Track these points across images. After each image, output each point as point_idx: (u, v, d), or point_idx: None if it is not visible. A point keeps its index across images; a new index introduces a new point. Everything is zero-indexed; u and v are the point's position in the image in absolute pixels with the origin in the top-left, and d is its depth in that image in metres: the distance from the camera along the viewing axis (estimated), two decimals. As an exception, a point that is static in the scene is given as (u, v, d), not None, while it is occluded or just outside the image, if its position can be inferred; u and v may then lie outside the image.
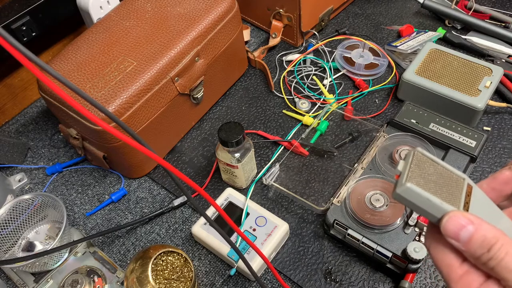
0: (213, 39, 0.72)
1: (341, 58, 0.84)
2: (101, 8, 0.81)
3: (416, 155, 0.34)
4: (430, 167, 0.34)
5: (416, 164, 0.33)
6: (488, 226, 0.31)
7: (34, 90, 0.88)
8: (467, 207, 0.32)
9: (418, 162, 0.34)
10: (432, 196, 0.32)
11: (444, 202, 0.32)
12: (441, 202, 0.32)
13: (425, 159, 0.34)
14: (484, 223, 0.31)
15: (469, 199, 0.33)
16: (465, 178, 0.34)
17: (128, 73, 0.65)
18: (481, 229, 0.31)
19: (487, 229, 0.31)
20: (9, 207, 0.64)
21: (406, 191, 0.32)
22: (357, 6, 0.96)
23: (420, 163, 0.34)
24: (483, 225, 0.31)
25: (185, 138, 0.78)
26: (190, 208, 0.70)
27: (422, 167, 0.33)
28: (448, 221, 0.31)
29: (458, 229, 0.31)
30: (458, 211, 0.32)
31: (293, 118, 0.79)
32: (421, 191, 0.32)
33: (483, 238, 0.30)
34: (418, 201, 0.32)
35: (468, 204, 0.33)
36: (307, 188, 0.69)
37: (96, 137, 0.66)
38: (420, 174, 0.33)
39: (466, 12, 0.89)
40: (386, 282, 0.60)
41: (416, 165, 0.33)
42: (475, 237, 0.30)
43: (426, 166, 0.34)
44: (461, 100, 0.71)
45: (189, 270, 0.58)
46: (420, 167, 0.33)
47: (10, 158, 0.76)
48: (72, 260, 0.65)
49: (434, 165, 0.34)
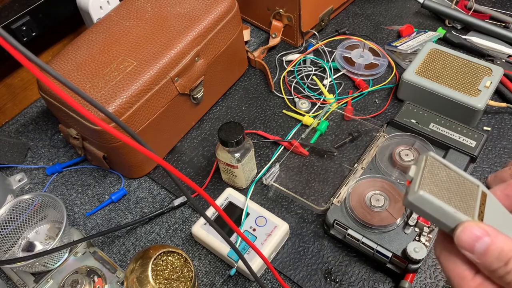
0: (213, 39, 0.72)
1: (341, 58, 0.84)
2: (101, 8, 0.81)
3: (428, 160, 0.32)
4: (443, 173, 0.32)
5: (429, 170, 0.32)
6: (505, 238, 0.29)
7: (34, 90, 0.88)
8: (481, 216, 0.31)
9: (430, 168, 0.32)
10: (446, 205, 0.30)
11: (458, 211, 0.30)
12: (455, 211, 0.30)
13: (438, 165, 0.32)
14: (500, 235, 0.29)
15: (484, 207, 0.31)
16: (479, 185, 0.32)
17: (128, 73, 0.65)
18: (498, 241, 0.29)
19: (505, 241, 0.29)
20: (9, 207, 0.64)
21: (418, 199, 0.31)
22: (357, 6, 0.96)
23: (432, 168, 0.32)
24: (499, 236, 0.29)
25: (185, 138, 0.78)
26: (190, 208, 0.70)
27: (434, 173, 0.32)
28: (462, 231, 0.30)
29: (473, 241, 0.29)
30: (472, 221, 0.30)
31: (293, 118, 0.79)
32: (434, 199, 0.30)
33: (500, 250, 0.29)
34: (430, 210, 0.31)
35: (482, 213, 0.31)
36: (307, 188, 0.69)
37: (96, 137, 0.66)
38: (433, 181, 0.31)
39: (466, 12, 0.89)
40: (386, 282, 0.60)
41: (428, 171, 0.32)
42: (491, 249, 0.29)
43: (439, 172, 0.32)
44: (461, 100, 0.71)
45: (189, 270, 0.58)
46: (433, 173, 0.32)
47: (10, 158, 0.76)
48: (72, 260, 0.65)
49: (447, 171, 0.32)
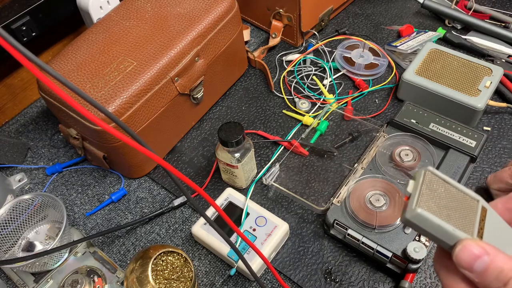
0: (213, 39, 0.72)
1: (341, 58, 0.84)
2: (101, 8, 0.81)
3: (427, 176, 0.32)
4: (442, 189, 0.31)
5: (427, 186, 0.31)
6: (505, 257, 0.29)
7: (34, 90, 0.88)
8: (481, 233, 0.30)
9: (429, 184, 0.31)
10: (444, 223, 0.30)
11: (457, 229, 0.30)
12: (454, 229, 0.30)
13: (437, 180, 0.32)
14: (500, 254, 0.29)
15: (484, 223, 0.31)
16: (479, 200, 0.32)
17: (128, 73, 0.65)
18: (498, 260, 0.28)
19: (504, 260, 0.28)
20: (9, 207, 0.64)
21: (416, 217, 0.30)
22: (357, 6, 0.96)
23: (431, 184, 0.31)
24: (499, 255, 0.29)
25: (185, 138, 0.78)
26: (190, 208, 0.70)
27: (433, 189, 0.31)
28: (461, 250, 0.29)
29: (472, 260, 0.29)
30: (471, 240, 0.29)
31: (293, 118, 0.79)
32: (432, 217, 0.30)
33: (499, 270, 0.28)
34: (428, 228, 0.30)
35: (482, 230, 0.30)
36: (307, 188, 0.69)
37: (96, 137, 0.66)
38: (431, 198, 0.31)
39: (466, 12, 0.89)
40: (386, 282, 0.60)
41: (427, 187, 0.31)
42: (490, 268, 0.28)
43: (437, 188, 0.31)
44: (461, 100, 0.71)
45: (189, 270, 0.58)
46: (431, 189, 0.31)
47: (10, 158, 0.76)
48: (72, 260, 0.65)
49: (446, 186, 0.32)
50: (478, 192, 0.67)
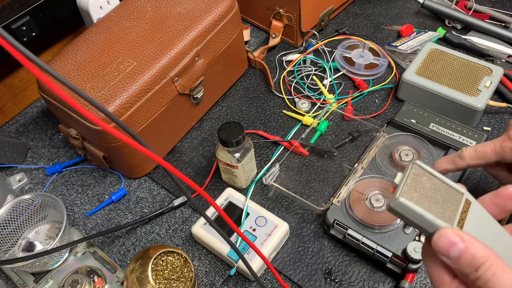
0: (213, 39, 0.72)
1: (341, 58, 0.84)
2: (101, 8, 0.81)
3: (413, 168, 0.33)
4: (427, 181, 0.33)
5: (413, 178, 0.33)
6: (478, 245, 0.30)
7: (34, 90, 0.88)
8: (462, 223, 0.32)
9: (415, 176, 0.33)
10: (425, 212, 0.31)
11: (437, 218, 0.31)
12: (434, 218, 0.31)
13: (423, 173, 0.33)
14: (474, 241, 0.31)
15: (465, 215, 0.32)
16: (464, 193, 0.33)
17: (128, 73, 0.65)
18: (471, 247, 0.30)
19: (477, 248, 0.30)
20: (9, 207, 0.64)
21: (399, 205, 0.32)
22: (357, 6, 0.96)
23: (417, 176, 0.33)
24: (473, 243, 0.30)
25: (185, 138, 0.78)
26: (190, 208, 0.70)
27: (418, 181, 0.33)
28: (438, 237, 0.31)
29: (448, 246, 0.31)
30: (449, 228, 0.31)
31: (293, 118, 0.79)
32: (413, 206, 0.31)
33: (472, 256, 0.30)
34: (411, 216, 0.32)
35: (463, 221, 0.32)
36: (307, 188, 0.69)
37: (96, 137, 0.66)
38: (416, 188, 0.32)
39: (466, 12, 0.89)
40: (386, 282, 0.60)
41: (412, 179, 0.33)
42: (464, 255, 0.30)
43: (423, 180, 0.33)
44: (461, 100, 0.71)
45: (189, 270, 0.58)
46: (417, 181, 0.33)
47: (10, 158, 0.76)
48: (72, 260, 0.65)
49: (432, 179, 0.33)
50: (477, 192, 0.67)
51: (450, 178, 0.35)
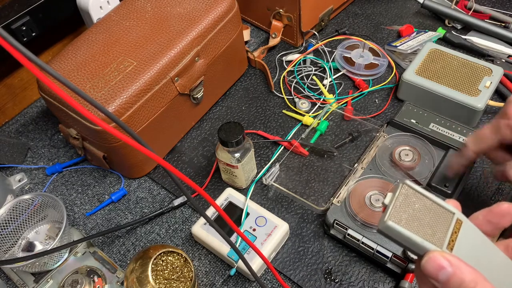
0: (213, 39, 0.72)
1: (341, 58, 0.84)
2: (101, 8, 0.81)
3: (403, 189, 0.33)
4: (417, 202, 0.33)
5: (403, 199, 0.33)
6: (467, 269, 0.30)
7: (34, 90, 0.88)
8: (452, 245, 0.32)
9: (404, 197, 0.33)
10: (413, 235, 0.31)
11: (426, 240, 0.31)
12: (423, 240, 0.31)
13: (413, 193, 0.33)
14: (463, 265, 0.31)
15: (456, 235, 0.32)
16: (455, 213, 0.33)
17: (128, 73, 0.65)
18: (460, 272, 0.30)
19: (466, 272, 0.30)
20: (9, 207, 0.64)
21: (387, 228, 0.32)
22: (357, 6, 0.96)
23: (406, 197, 0.33)
24: (462, 267, 0.30)
25: (185, 138, 0.78)
26: (190, 208, 0.70)
27: (407, 202, 0.32)
28: (427, 261, 0.31)
29: (437, 270, 0.31)
30: (437, 252, 0.31)
31: (293, 118, 0.79)
32: (401, 230, 0.31)
33: (460, 281, 0.30)
34: (400, 239, 0.32)
35: (453, 242, 0.32)
36: (307, 188, 0.69)
37: (96, 137, 0.66)
38: (405, 210, 0.32)
39: (466, 12, 0.89)
40: (386, 282, 0.60)
41: (402, 200, 0.32)
42: (452, 279, 0.30)
43: (412, 201, 0.33)
44: (461, 100, 0.71)
45: (189, 270, 0.58)
46: (406, 202, 0.32)
47: (10, 158, 0.76)
48: (72, 260, 0.65)
49: (422, 199, 0.33)
50: (477, 191, 0.67)
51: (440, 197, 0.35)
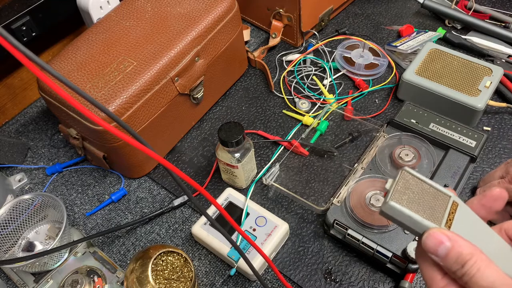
0: (213, 39, 0.72)
1: (341, 58, 0.84)
2: (101, 8, 0.81)
3: (403, 174, 0.36)
4: (416, 186, 0.35)
5: (402, 183, 0.35)
6: (464, 243, 0.32)
7: (34, 90, 0.88)
8: (449, 223, 0.34)
9: (404, 181, 0.35)
10: (414, 214, 0.33)
11: (425, 219, 0.33)
12: (422, 219, 0.33)
13: (412, 178, 0.36)
14: (460, 240, 0.32)
15: (453, 216, 0.34)
16: (451, 196, 0.35)
17: (128, 73, 0.65)
18: (457, 245, 0.32)
19: (463, 245, 0.32)
20: (9, 207, 0.64)
21: (389, 209, 0.34)
22: (357, 6, 0.96)
23: (406, 182, 0.35)
24: (459, 241, 0.32)
25: (185, 138, 0.78)
26: (190, 208, 0.70)
27: (407, 186, 0.35)
28: (427, 237, 0.33)
29: (436, 245, 0.32)
30: (437, 228, 0.33)
31: (293, 118, 0.79)
32: (403, 209, 0.33)
33: (458, 254, 0.32)
34: (401, 218, 0.34)
35: (451, 221, 0.34)
36: (307, 188, 0.69)
37: (96, 137, 0.66)
38: (405, 193, 0.35)
39: (466, 12, 0.89)
40: (386, 282, 0.60)
41: (402, 184, 0.35)
42: (451, 253, 0.32)
43: (412, 185, 0.35)
44: (461, 100, 0.71)
45: (189, 270, 0.58)
46: (406, 186, 0.35)
47: (10, 158, 0.76)
48: (72, 260, 0.65)
49: (420, 183, 0.35)
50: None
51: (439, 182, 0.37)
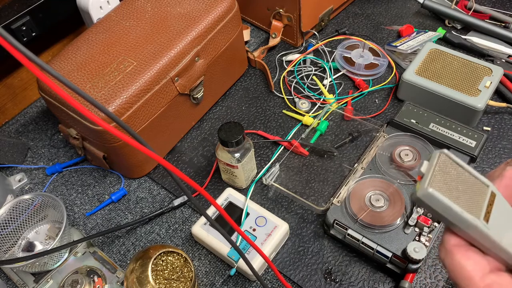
0: (213, 39, 0.72)
1: (341, 58, 0.84)
2: (101, 8, 0.81)
3: (441, 157, 0.33)
4: (454, 172, 0.32)
5: (440, 168, 0.32)
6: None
7: (34, 90, 0.88)
8: (487, 217, 0.32)
9: (442, 166, 0.32)
10: (453, 204, 0.31)
11: (465, 211, 0.31)
12: (462, 211, 0.31)
13: (450, 163, 0.33)
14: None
15: (491, 208, 0.32)
16: (489, 186, 0.33)
17: (128, 73, 0.65)
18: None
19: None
20: (9, 207, 0.64)
21: (427, 196, 0.31)
22: (357, 6, 0.96)
23: (444, 166, 0.32)
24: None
25: (185, 138, 0.78)
26: (190, 208, 0.70)
27: (446, 172, 0.32)
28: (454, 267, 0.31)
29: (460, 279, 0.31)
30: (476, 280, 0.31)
31: (293, 118, 0.79)
32: (442, 198, 0.31)
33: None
34: (438, 207, 0.31)
35: (489, 214, 0.32)
36: (307, 188, 0.69)
37: (96, 137, 0.66)
38: (444, 179, 0.32)
39: (466, 12, 0.89)
40: (386, 282, 0.60)
41: (440, 169, 0.32)
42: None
43: (450, 171, 0.32)
44: (461, 100, 0.71)
45: (189, 270, 0.58)
46: (444, 172, 0.32)
47: (10, 158, 0.76)
48: (72, 260, 0.65)
49: (458, 169, 0.33)
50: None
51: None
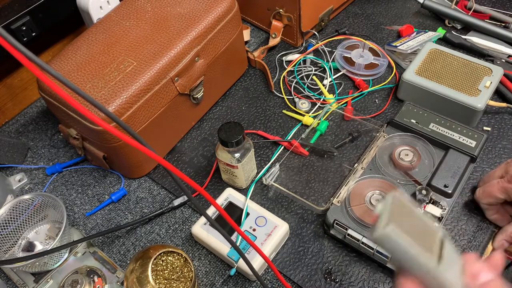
0: (213, 39, 0.72)
1: (341, 58, 0.84)
2: (101, 8, 0.81)
3: (394, 199, 0.33)
4: (408, 215, 0.33)
5: (394, 209, 0.33)
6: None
7: (34, 90, 0.88)
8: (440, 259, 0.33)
9: (396, 207, 0.33)
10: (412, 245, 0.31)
11: (420, 254, 0.32)
12: (418, 253, 0.32)
13: (402, 205, 0.34)
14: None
15: (442, 251, 0.33)
16: (438, 230, 0.34)
17: (128, 73, 0.65)
18: None
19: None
20: (9, 207, 0.64)
21: (385, 237, 0.32)
22: (357, 6, 0.96)
23: (398, 208, 0.33)
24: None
25: (185, 138, 0.78)
26: (190, 208, 0.70)
27: (400, 213, 0.33)
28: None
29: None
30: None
31: (293, 118, 0.79)
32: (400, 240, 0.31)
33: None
34: (395, 248, 0.32)
35: (441, 257, 0.33)
36: (307, 188, 0.69)
37: (96, 137, 0.66)
38: (399, 221, 0.32)
39: (466, 12, 0.89)
40: (386, 282, 0.60)
41: (395, 210, 0.33)
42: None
43: (403, 213, 0.33)
44: (461, 100, 0.71)
45: (189, 270, 0.58)
46: (399, 213, 0.33)
47: (10, 158, 0.76)
48: (72, 260, 0.65)
49: (411, 212, 0.34)
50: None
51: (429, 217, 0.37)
